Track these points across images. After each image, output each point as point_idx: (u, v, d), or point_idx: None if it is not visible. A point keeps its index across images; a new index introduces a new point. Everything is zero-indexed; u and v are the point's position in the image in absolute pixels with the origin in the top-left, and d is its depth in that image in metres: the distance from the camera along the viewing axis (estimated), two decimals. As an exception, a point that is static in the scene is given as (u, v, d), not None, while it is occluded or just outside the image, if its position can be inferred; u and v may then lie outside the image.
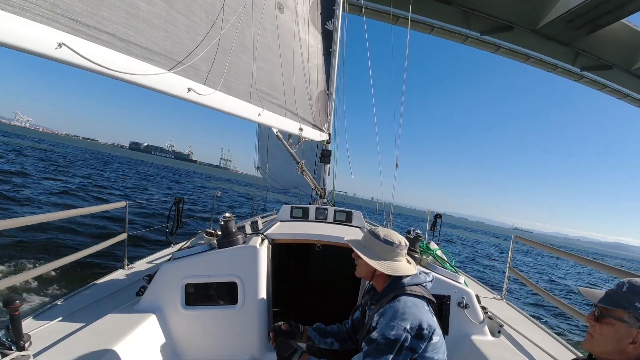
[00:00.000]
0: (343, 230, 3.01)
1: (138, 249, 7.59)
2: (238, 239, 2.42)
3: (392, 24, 10.42)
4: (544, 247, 3.43)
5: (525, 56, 13.27)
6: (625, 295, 0.95)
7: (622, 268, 2.65)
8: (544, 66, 13.47)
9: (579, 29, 10.81)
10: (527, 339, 2.55)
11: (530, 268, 16.32)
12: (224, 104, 2.85)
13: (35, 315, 2.19)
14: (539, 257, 25.54)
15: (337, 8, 4.92)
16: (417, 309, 1.38)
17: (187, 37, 2.35)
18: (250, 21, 3.00)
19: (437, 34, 12.64)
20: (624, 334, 0.92)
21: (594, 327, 1.00)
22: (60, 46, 1.49)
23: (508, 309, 3.32)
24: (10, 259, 6.02)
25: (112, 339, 1.75)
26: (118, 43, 1.84)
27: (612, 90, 14.74)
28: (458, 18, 12.89)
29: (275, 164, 6.74)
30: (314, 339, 1.81)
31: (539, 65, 13.51)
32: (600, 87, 14.16)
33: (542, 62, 13.33)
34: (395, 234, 1.61)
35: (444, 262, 2.74)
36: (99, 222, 9.77)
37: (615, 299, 0.97)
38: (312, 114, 4.65)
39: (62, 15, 1.52)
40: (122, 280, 2.92)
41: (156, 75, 2.08)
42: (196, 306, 2.24)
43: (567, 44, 11.90)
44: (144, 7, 1.98)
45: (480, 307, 2.34)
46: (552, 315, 7.51)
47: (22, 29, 1.36)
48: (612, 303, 0.96)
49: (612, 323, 0.95)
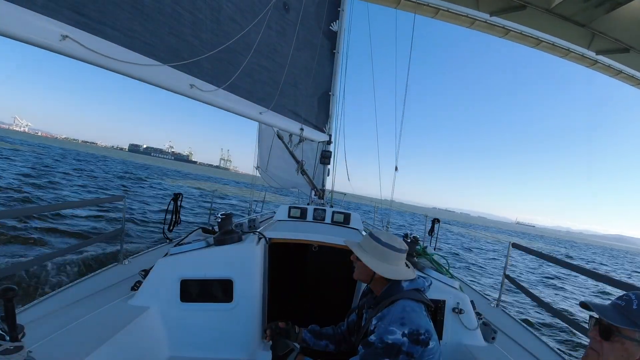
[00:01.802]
0: (341, 232, 3.01)
1: (135, 244, 7.59)
2: (234, 237, 2.42)
3: (394, 8, 9.85)
4: (543, 256, 3.42)
5: (536, 40, 12.13)
6: (637, 313, 0.92)
7: (622, 279, 2.64)
8: (556, 51, 12.43)
9: (597, 7, 9.77)
10: (521, 347, 2.55)
11: (533, 270, 16.03)
12: (226, 102, 2.85)
13: (30, 306, 2.19)
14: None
15: (342, 10, 4.93)
16: (416, 314, 1.38)
17: (192, 34, 2.36)
18: (256, 20, 3.01)
19: (441, 18, 11.55)
20: (632, 353, 0.90)
21: (599, 343, 0.96)
22: (65, 38, 1.49)
23: (503, 316, 3.32)
24: (5, 250, 6.01)
25: (106, 333, 1.75)
26: (122, 37, 1.84)
27: (626, 77, 13.59)
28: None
29: (274, 163, 6.74)
30: (309, 341, 1.81)
31: (551, 50, 12.43)
32: (614, 72, 13.07)
33: (555, 46, 12.21)
34: (396, 238, 1.61)
35: (440, 267, 2.74)
36: (95, 215, 9.76)
37: (628, 316, 0.93)
38: (313, 115, 4.66)
39: (66, 8, 1.52)
40: (117, 275, 2.91)
41: (159, 70, 2.08)
42: (191, 302, 2.24)
43: (584, 24, 10.72)
44: (149, 2, 1.99)
45: (475, 313, 2.34)
46: (547, 323, 7.51)
47: (27, 21, 1.37)
48: (624, 322, 0.92)
49: (622, 342, 0.91)
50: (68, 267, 5.52)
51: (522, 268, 15.60)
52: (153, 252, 3.83)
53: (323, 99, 4.87)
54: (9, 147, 40.50)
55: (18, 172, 17.81)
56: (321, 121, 4.88)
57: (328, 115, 5.00)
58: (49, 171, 21.67)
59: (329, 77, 4.95)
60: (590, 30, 11.40)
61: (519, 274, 13.73)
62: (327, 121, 5.00)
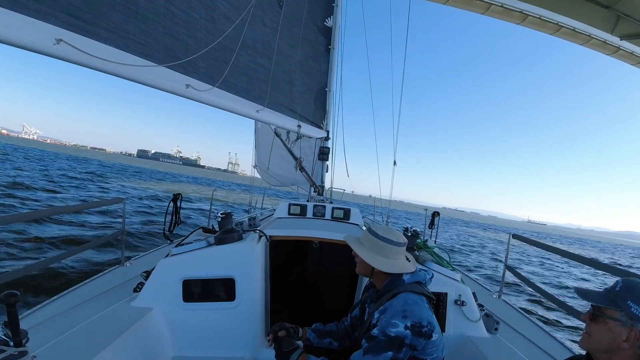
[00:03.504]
0: (341, 228, 3.01)
1: (136, 246, 7.59)
2: (235, 236, 2.42)
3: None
4: (540, 245, 3.44)
5: (556, 25, 11.24)
6: (618, 294, 0.97)
7: (617, 266, 2.67)
8: (577, 38, 11.57)
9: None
10: (523, 337, 2.57)
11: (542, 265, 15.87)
12: (223, 101, 2.84)
13: (33, 311, 2.19)
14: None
15: (336, 5, 4.91)
16: (418, 306, 1.39)
17: (187, 34, 2.34)
18: (250, 17, 2.99)
19: (453, 4, 10.95)
20: (617, 333, 0.94)
21: (589, 325, 1.02)
22: (59, 42, 1.48)
23: (505, 307, 3.34)
24: (6, 254, 6.00)
25: (110, 335, 1.76)
26: (116, 39, 1.83)
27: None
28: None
29: (273, 160, 6.74)
30: (313, 340, 1.82)
31: (571, 36, 11.58)
32: (636, 61, 12.17)
33: (576, 32, 11.30)
34: (395, 232, 1.61)
35: (441, 260, 2.75)
36: (96, 218, 9.75)
37: (609, 297, 0.98)
38: (310, 111, 4.64)
39: (59, 12, 1.51)
40: (119, 277, 2.91)
41: (155, 71, 2.07)
42: (194, 302, 2.25)
43: (608, 5, 9.84)
44: (143, 3, 1.97)
45: (477, 305, 2.36)
46: (549, 313, 7.57)
47: (20, 25, 1.35)
48: (606, 302, 0.98)
49: (605, 322, 0.97)
50: (70, 270, 5.53)
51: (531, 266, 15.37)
52: (154, 253, 3.84)
53: (320, 95, 4.86)
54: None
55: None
56: (318, 117, 4.87)
57: (325, 112, 4.99)
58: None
59: (325, 73, 4.93)
60: (615, 12, 10.40)
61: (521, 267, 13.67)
62: (324, 117, 4.99)
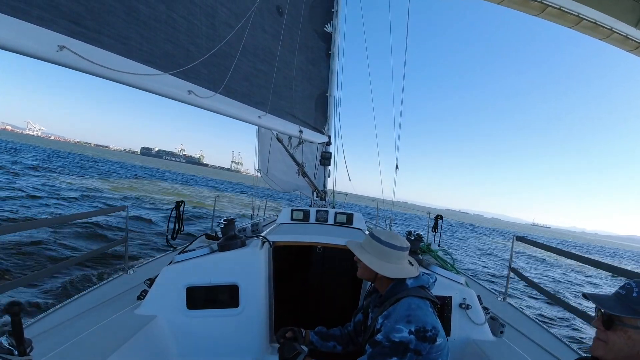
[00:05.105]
0: (344, 233, 3.00)
1: (139, 253, 7.57)
2: (238, 242, 2.41)
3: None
4: (545, 247, 3.41)
5: (576, 18, 10.59)
6: (637, 300, 0.92)
7: (622, 266, 2.64)
8: (598, 32, 10.94)
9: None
10: (530, 340, 2.54)
11: None
12: (225, 107, 2.85)
13: (37, 319, 2.18)
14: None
15: (336, 10, 4.95)
16: (422, 311, 1.37)
17: (188, 40, 2.36)
18: (250, 24, 3.01)
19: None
20: (637, 340, 0.90)
21: (604, 333, 0.96)
22: (61, 49, 1.49)
23: (510, 310, 3.30)
24: (9, 263, 6.00)
25: (114, 344, 1.74)
26: (118, 46, 1.84)
27: (670, 64, 12.43)
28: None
29: (276, 166, 6.74)
30: (316, 343, 1.80)
31: (592, 30, 10.92)
32: None
33: (597, 25, 10.65)
34: (397, 236, 1.60)
35: (445, 263, 2.73)
36: (98, 226, 9.75)
37: (628, 305, 0.93)
38: (311, 116, 4.66)
39: (62, 19, 1.52)
40: (123, 285, 2.90)
41: (157, 78, 2.08)
42: (198, 309, 2.23)
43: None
44: (144, 10, 1.99)
45: (482, 308, 2.33)
46: (554, 315, 7.49)
47: (23, 32, 1.36)
48: (624, 310, 0.92)
49: (625, 330, 0.91)
50: (73, 278, 5.52)
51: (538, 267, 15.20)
52: (158, 260, 3.82)
53: (321, 100, 4.87)
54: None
55: None
56: (320, 122, 4.88)
57: (326, 117, 5.00)
58: None
59: (325, 78, 4.95)
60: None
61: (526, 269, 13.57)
62: (325, 122, 5.00)
